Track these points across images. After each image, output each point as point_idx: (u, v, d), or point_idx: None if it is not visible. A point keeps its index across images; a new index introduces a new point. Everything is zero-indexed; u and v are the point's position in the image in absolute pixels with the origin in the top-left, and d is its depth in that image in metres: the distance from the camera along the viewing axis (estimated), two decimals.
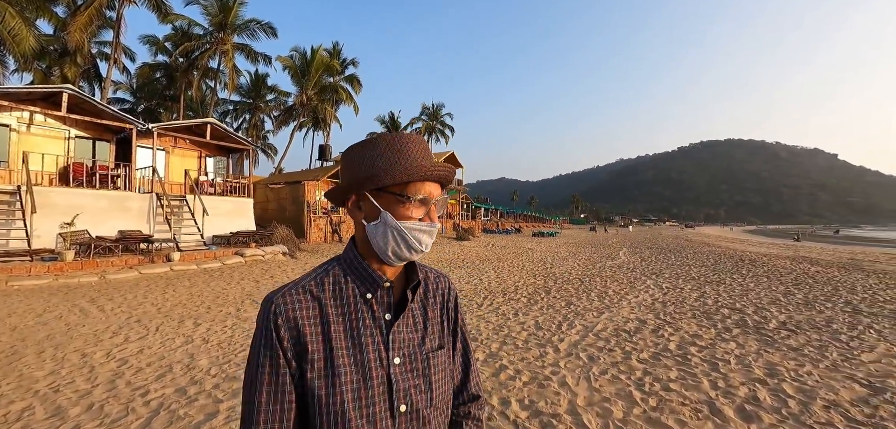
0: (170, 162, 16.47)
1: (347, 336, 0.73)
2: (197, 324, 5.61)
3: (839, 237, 58.57)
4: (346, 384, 0.70)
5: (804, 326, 5.61)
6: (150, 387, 3.55)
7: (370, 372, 0.72)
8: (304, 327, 0.71)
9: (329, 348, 0.71)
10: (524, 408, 3.16)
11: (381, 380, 0.72)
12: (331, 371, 0.70)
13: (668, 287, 9.00)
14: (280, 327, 0.70)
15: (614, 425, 2.89)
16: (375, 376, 0.72)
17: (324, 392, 0.70)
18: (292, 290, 0.73)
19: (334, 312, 0.74)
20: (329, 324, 0.72)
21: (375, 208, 0.74)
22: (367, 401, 0.71)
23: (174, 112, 29.67)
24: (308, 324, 0.71)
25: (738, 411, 3.13)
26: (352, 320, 0.74)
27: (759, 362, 4.17)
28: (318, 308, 0.73)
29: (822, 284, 9.35)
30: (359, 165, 0.75)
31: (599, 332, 5.31)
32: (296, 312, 0.71)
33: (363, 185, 0.74)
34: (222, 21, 25.04)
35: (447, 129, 49.91)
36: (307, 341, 0.71)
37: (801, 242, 34.96)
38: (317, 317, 0.72)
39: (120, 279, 8.92)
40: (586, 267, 12.93)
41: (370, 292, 0.76)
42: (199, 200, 14.53)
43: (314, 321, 0.72)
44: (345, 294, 0.75)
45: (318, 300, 0.74)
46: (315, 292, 0.74)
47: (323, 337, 0.72)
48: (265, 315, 0.71)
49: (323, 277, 0.76)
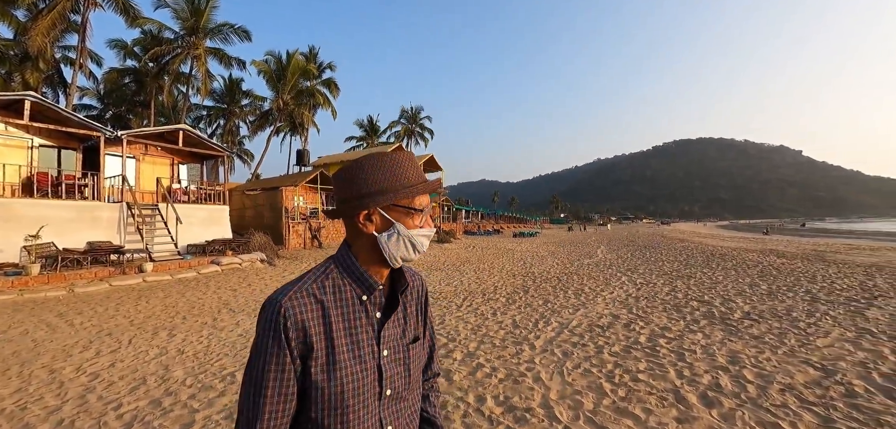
0: (141, 170, 16.01)
1: (347, 334, 0.82)
2: (172, 335, 5.51)
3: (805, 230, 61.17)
4: (346, 376, 0.80)
5: (766, 315, 5.90)
6: (122, 400, 3.49)
7: (365, 364, 0.83)
8: (311, 328, 0.79)
9: (331, 345, 0.80)
10: (499, 404, 3.26)
11: (373, 370, 0.84)
12: (332, 365, 0.79)
13: (642, 283, 9.29)
14: (289, 330, 0.77)
15: (584, 416, 3.01)
16: (369, 368, 0.83)
17: (326, 384, 0.79)
18: (297, 293, 0.80)
19: (335, 312, 0.82)
20: (331, 324, 0.81)
21: (387, 221, 0.84)
22: (362, 388, 0.82)
23: (145, 118, 28.84)
24: (313, 325, 0.79)
25: (701, 397, 3.30)
26: (350, 319, 0.83)
27: (722, 351, 4.38)
28: (321, 309, 0.81)
29: (786, 275, 9.81)
30: (366, 183, 0.84)
31: (574, 328, 5.47)
32: (303, 315, 0.78)
33: (376, 201, 0.83)
34: (194, 25, 24.50)
35: (426, 132, 49.99)
36: (313, 341, 0.78)
37: (769, 236, 36.38)
38: (320, 317, 0.80)
39: (90, 292, 8.65)
40: (565, 266, 13.18)
41: (366, 295, 0.86)
42: (172, 208, 14.18)
43: (318, 322, 0.80)
44: (344, 296, 0.84)
45: (320, 303, 0.81)
46: (318, 295, 0.81)
47: (325, 335, 0.80)
48: (272, 318, 0.77)
49: (323, 280, 0.84)
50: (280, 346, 0.76)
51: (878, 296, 6.98)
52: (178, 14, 24.34)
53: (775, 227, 79.09)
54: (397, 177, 0.84)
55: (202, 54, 24.93)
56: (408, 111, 49.61)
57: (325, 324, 0.80)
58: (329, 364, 0.79)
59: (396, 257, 0.85)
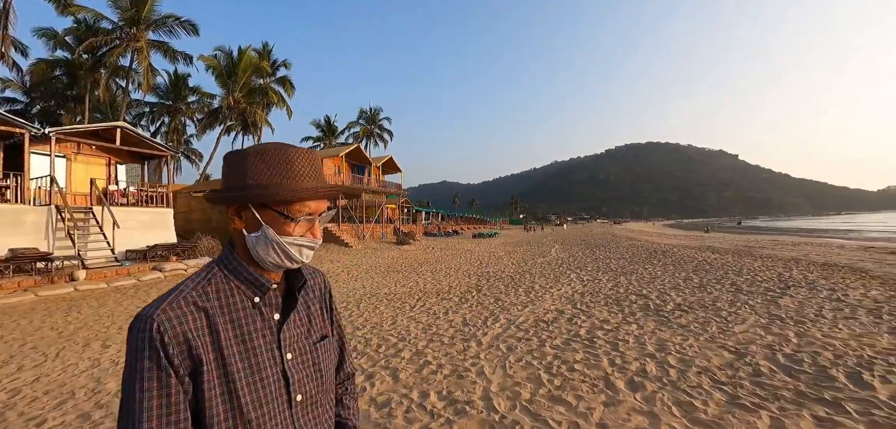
0: (72, 170, 14.85)
1: (239, 342, 0.73)
2: (105, 346, 5.21)
3: (740, 228, 66.49)
4: (243, 388, 0.71)
5: (695, 306, 6.41)
6: (47, 416, 3.30)
7: (266, 371, 0.74)
8: (195, 341, 0.69)
9: (222, 357, 0.71)
10: (442, 399, 3.37)
11: (276, 377, 0.76)
12: (226, 379, 0.71)
13: (589, 279, 9.77)
14: (168, 346, 0.67)
15: (521, 406, 3.19)
16: (271, 375, 0.75)
17: (223, 400, 0.70)
18: (173, 304, 0.70)
19: (223, 319, 0.73)
20: (219, 333, 0.72)
21: (256, 221, 0.75)
22: (265, 399, 0.73)
23: (79, 114, 26.72)
24: (198, 337, 0.70)
25: (628, 382, 3.58)
26: (242, 325, 0.75)
27: (652, 340, 4.73)
28: (206, 318, 0.72)
29: (717, 269, 10.64)
30: (244, 175, 0.74)
31: (521, 324, 5.70)
32: (183, 327, 0.69)
33: (247, 198, 0.74)
34: (135, 15, 23.04)
35: (386, 133, 49.63)
36: (201, 354, 0.69)
37: (709, 234, 39.08)
38: (205, 328, 0.71)
39: (12, 304, 7.96)
40: (519, 265, 13.58)
41: (258, 296, 0.77)
42: (108, 211, 13.27)
43: (203, 333, 0.71)
44: (232, 301, 0.75)
45: (204, 311, 0.72)
46: (200, 303, 0.72)
47: (213, 346, 0.71)
48: (146, 337, 0.66)
49: (205, 286, 0.75)
50: (160, 367, 0.66)
51: (791, 286, 7.75)
52: (117, 3, 22.81)
53: (715, 225, 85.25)
54: (282, 175, 0.75)
55: (144, 47, 23.48)
56: (367, 112, 49.09)
57: (213, 334, 0.72)
58: (223, 378, 0.70)
59: (266, 261, 0.76)
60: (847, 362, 3.77)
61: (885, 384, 3.28)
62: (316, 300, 0.91)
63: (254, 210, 0.75)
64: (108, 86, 26.10)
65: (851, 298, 6.46)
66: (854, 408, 2.93)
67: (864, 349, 4.09)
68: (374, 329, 5.71)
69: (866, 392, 3.16)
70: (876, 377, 3.40)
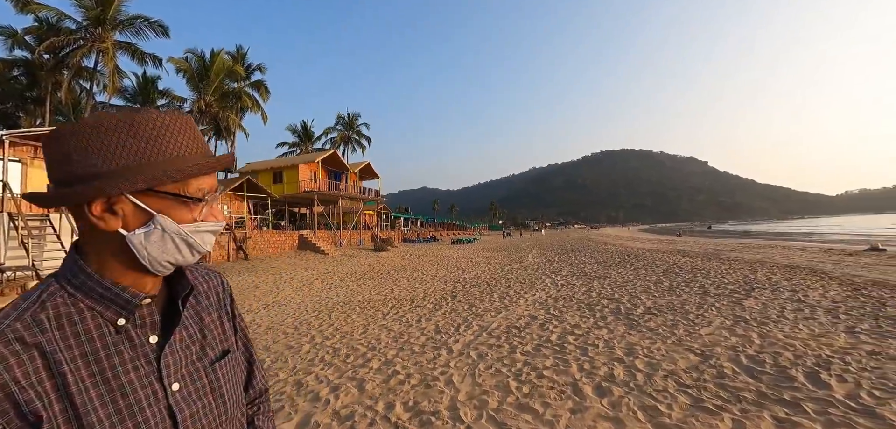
0: (29, 175, 14.10)
1: (99, 382, 0.56)
2: None
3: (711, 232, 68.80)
4: None
5: (664, 309, 6.50)
6: None
7: (143, 415, 0.58)
8: (26, 393, 0.51)
9: (73, 407, 0.54)
10: (408, 409, 3.28)
11: (160, 418, 0.59)
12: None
13: (563, 284, 9.83)
14: None
15: (487, 415, 3.12)
16: (151, 416, 0.58)
17: None
18: None
19: (68, 356, 0.55)
20: (64, 375, 0.54)
21: (144, 212, 0.57)
22: None
23: (39, 117, 25.51)
24: (30, 387, 0.52)
25: (596, 388, 3.56)
26: (99, 360, 0.57)
27: (621, 344, 4.75)
28: (41, 358, 0.54)
29: (686, 272, 10.88)
30: (103, 156, 0.55)
31: (494, 330, 5.65)
32: (4, 376, 0.51)
33: (124, 184, 0.55)
34: (100, 15, 22.18)
35: (364, 139, 49.29)
36: (37, 410, 0.52)
37: (681, 238, 40.22)
38: (40, 371, 0.53)
39: None
40: (495, 271, 13.59)
41: (123, 317, 0.59)
42: (67, 219, 12.64)
43: (39, 378, 0.53)
44: (82, 328, 0.57)
45: (36, 347, 0.54)
46: (28, 338, 0.54)
47: (59, 396, 0.54)
48: None
49: (36, 312, 0.56)
50: None
51: (755, 288, 7.97)
52: (82, 2, 21.91)
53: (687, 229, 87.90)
54: (159, 148, 0.57)
55: (110, 48, 22.61)
56: (344, 117, 48.63)
57: (55, 377, 0.54)
58: None
59: (161, 262, 0.59)
60: (806, 362, 3.86)
61: (842, 383, 3.37)
62: (212, 308, 0.74)
63: (134, 199, 0.57)
64: (71, 87, 25.03)
65: (811, 298, 6.68)
66: (812, 408, 2.98)
67: (823, 349, 4.20)
68: (344, 338, 5.56)
69: (824, 392, 3.23)
70: (833, 376, 3.49)
